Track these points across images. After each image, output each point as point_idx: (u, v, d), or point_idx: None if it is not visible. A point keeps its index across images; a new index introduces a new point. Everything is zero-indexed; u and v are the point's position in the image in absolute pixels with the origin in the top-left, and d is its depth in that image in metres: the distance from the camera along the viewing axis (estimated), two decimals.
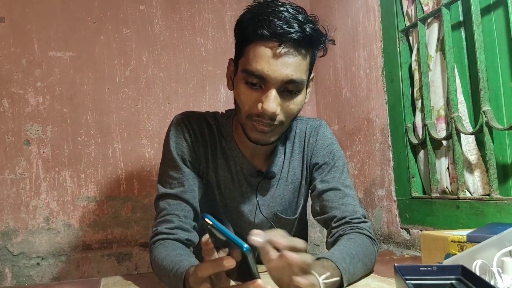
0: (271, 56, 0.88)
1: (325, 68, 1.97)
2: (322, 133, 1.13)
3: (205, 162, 1.07)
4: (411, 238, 1.42)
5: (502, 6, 1.16)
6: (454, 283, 0.66)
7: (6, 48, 1.66)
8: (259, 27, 0.88)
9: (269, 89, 0.89)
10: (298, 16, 0.89)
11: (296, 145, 1.12)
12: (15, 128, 1.65)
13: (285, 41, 0.87)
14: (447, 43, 1.25)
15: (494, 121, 1.12)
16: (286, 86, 0.90)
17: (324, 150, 1.11)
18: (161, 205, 1.01)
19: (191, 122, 1.07)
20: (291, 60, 0.89)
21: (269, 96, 0.89)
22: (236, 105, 0.98)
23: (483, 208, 1.13)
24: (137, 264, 1.75)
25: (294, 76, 0.90)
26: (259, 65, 0.88)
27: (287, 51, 0.88)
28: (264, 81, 0.89)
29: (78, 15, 1.75)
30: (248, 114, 0.93)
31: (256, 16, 0.90)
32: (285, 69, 0.88)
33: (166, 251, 0.92)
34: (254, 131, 0.95)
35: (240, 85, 0.94)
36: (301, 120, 1.15)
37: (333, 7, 1.87)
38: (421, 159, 1.41)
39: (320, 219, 1.06)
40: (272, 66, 0.88)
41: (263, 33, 0.87)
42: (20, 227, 1.62)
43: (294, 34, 0.87)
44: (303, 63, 0.92)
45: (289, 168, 1.11)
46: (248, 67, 0.90)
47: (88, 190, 1.71)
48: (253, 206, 1.09)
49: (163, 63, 1.85)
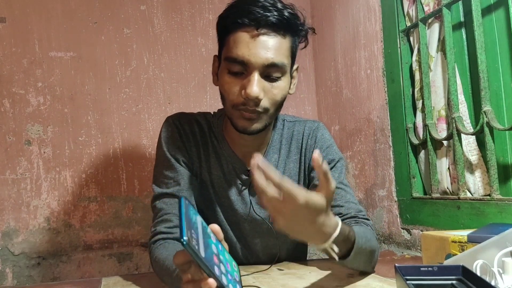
0: (251, 41, 0.90)
1: (325, 68, 1.97)
2: (320, 135, 1.13)
3: (198, 162, 1.07)
4: (411, 238, 1.42)
5: (503, 6, 1.16)
6: (454, 284, 0.66)
7: (7, 48, 1.66)
8: (238, 16, 0.90)
9: (251, 73, 0.90)
10: (276, 3, 0.91)
11: (293, 146, 1.12)
12: (16, 128, 1.65)
13: (263, 24, 0.89)
14: (448, 43, 1.25)
15: (495, 121, 1.12)
16: (268, 70, 0.91)
17: (323, 152, 1.11)
18: (159, 205, 1.01)
19: (182, 123, 1.07)
20: (271, 42, 0.90)
21: (252, 81, 0.90)
22: (222, 97, 0.99)
23: (484, 208, 1.13)
24: (138, 264, 1.75)
25: (276, 60, 0.91)
26: (239, 51, 0.90)
27: (266, 33, 0.90)
28: (246, 67, 0.91)
29: (79, 16, 1.75)
30: (233, 103, 0.94)
31: (235, 6, 0.93)
32: (265, 52, 0.90)
33: (167, 251, 0.92)
34: (240, 119, 0.95)
35: (223, 75, 0.95)
36: (299, 122, 1.15)
37: (334, 7, 1.87)
38: (421, 159, 1.41)
39: None
40: (252, 50, 0.89)
41: (243, 20, 0.90)
42: (21, 227, 1.62)
43: (271, 17, 0.89)
44: (283, 47, 0.93)
45: (284, 169, 1.11)
46: (229, 54, 0.92)
47: (89, 190, 1.71)
48: (246, 205, 1.09)
49: (164, 63, 1.85)
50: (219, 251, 0.64)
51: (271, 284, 0.90)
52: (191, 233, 0.56)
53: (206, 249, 0.59)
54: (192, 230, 0.57)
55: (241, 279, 0.66)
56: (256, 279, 0.96)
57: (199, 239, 0.58)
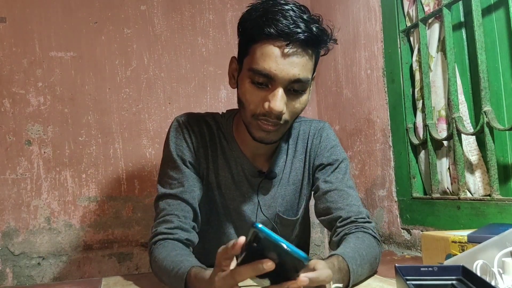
0: (279, 56, 0.88)
1: (326, 68, 1.97)
2: (326, 134, 1.13)
3: (206, 163, 1.07)
4: (412, 238, 1.42)
5: (503, 7, 1.16)
6: (454, 284, 0.66)
7: (7, 48, 1.66)
8: (266, 25, 0.88)
9: (276, 88, 0.90)
10: (303, 16, 0.89)
11: (299, 146, 1.13)
12: (16, 128, 1.65)
13: (293, 40, 0.87)
14: (448, 43, 1.25)
15: (495, 122, 1.12)
16: (292, 85, 0.91)
17: (328, 152, 1.11)
18: (161, 206, 1.01)
19: (191, 123, 1.07)
20: (298, 60, 0.89)
21: (276, 95, 0.89)
22: (240, 104, 0.97)
23: (484, 208, 1.13)
24: (138, 264, 1.75)
25: (301, 76, 0.90)
26: (267, 64, 0.88)
27: (295, 50, 0.88)
28: (271, 80, 0.90)
29: (79, 16, 1.75)
30: (253, 113, 0.93)
31: (262, 15, 0.90)
32: (292, 68, 0.89)
33: (166, 251, 0.92)
34: (259, 130, 0.94)
35: (245, 83, 0.93)
36: (304, 122, 1.16)
37: (334, 8, 1.87)
38: (422, 159, 1.41)
39: (324, 220, 1.06)
40: (280, 65, 0.88)
41: (271, 32, 0.87)
42: (21, 227, 1.62)
43: (301, 34, 0.87)
44: (310, 63, 0.92)
45: (291, 169, 1.12)
46: (255, 66, 0.90)
47: (89, 190, 1.71)
48: (254, 206, 1.09)
49: (164, 63, 1.85)
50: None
51: None
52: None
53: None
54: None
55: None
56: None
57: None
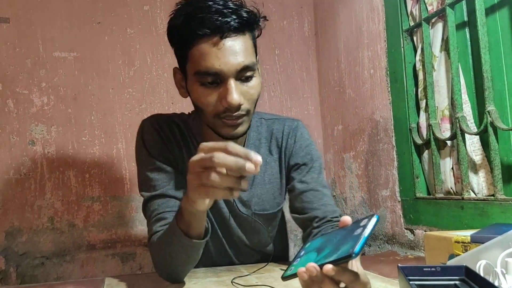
0: (218, 51, 0.87)
1: (329, 68, 1.97)
2: (300, 134, 1.13)
3: (182, 163, 1.05)
4: (415, 238, 1.42)
5: (507, 6, 1.16)
6: (458, 284, 0.66)
7: (11, 49, 1.67)
8: (195, 27, 0.87)
9: (227, 82, 0.89)
10: (228, 4, 0.89)
11: (273, 145, 1.13)
12: (20, 128, 1.65)
13: (226, 31, 0.87)
14: (452, 43, 1.24)
15: (498, 121, 1.11)
16: (241, 74, 0.90)
17: (303, 151, 1.12)
18: (151, 208, 0.99)
19: (161, 124, 1.05)
20: (239, 47, 0.89)
21: (230, 89, 0.88)
22: (198, 109, 0.96)
23: (488, 208, 1.13)
24: (141, 264, 1.75)
25: (246, 62, 0.90)
26: (209, 63, 0.88)
27: (232, 40, 0.88)
28: (219, 76, 0.89)
29: (82, 16, 1.76)
30: (214, 114, 0.92)
31: (187, 18, 0.89)
32: (235, 58, 0.88)
33: (159, 237, 0.92)
34: (225, 127, 0.94)
35: (196, 89, 0.92)
36: (278, 120, 1.15)
37: (337, 7, 1.86)
38: (425, 159, 1.41)
39: (299, 218, 1.08)
40: (222, 59, 0.87)
41: (203, 31, 0.87)
42: (24, 226, 1.63)
43: (232, 22, 0.87)
44: (249, 46, 0.92)
45: (266, 168, 1.12)
46: (199, 68, 0.89)
47: (92, 190, 1.72)
48: (229, 203, 1.09)
49: (167, 63, 1.85)
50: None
51: (273, 284, 0.90)
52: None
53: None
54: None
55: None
56: (259, 279, 0.96)
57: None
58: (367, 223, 0.58)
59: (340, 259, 0.56)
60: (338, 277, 0.59)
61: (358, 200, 1.77)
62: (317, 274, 0.58)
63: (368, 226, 0.57)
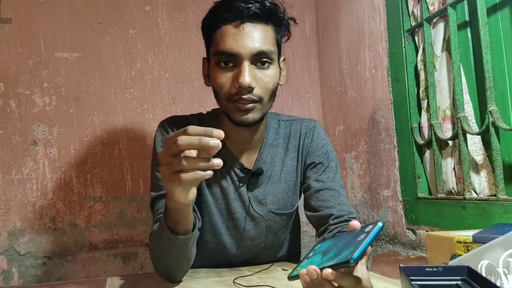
0: (237, 33, 0.93)
1: (330, 68, 1.96)
2: (317, 133, 1.15)
3: None
4: (416, 238, 1.42)
5: (509, 6, 1.16)
6: (459, 284, 0.66)
7: (13, 49, 1.67)
8: (221, 12, 0.94)
9: (241, 64, 0.93)
10: None
11: (291, 144, 1.14)
12: (22, 129, 1.66)
13: (246, 16, 0.92)
14: (453, 42, 1.24)
15: (500, 121, 1.11)
16: (256, 58, 0.94)
17: (320, 151, 1.13)
18: (155, 207, 1.01)
19: (177, 125, 1.08)
20: (257, 33, 0.94)
21: (243, 70, 0.92)
22: (215, 94, 1.00)
23: (490, 208, 1.12)
24: (143, 264, 1.75)
25: (263, 48, 0.94)
26: (228, 44, 0.93)
27: (252, 25, 0.94)
28: (235, 58, 0.93)
29: (84, 16, 1.76)
30: (227, 96, 0.96)
31: (217, 5, 0.97)
32: (252, 42, 0.93)
33: (153, 236, 0.93)
34: (237, 111, 0.96)
35: (214, 71, 0.97)
36: (295, 121, 1.17)
37: (339, 7, 1.86)
38: (427, 159, 1.41)
39: (314, 215, 1.08)
40: (239, 41, 0.92)
41: (227, 15, 0.93)
42: (26, 227, 1.63)
43: (253, 7, 0.92)
44: (268, 35, 0.96)
45: (282, 167, 1.13)
46: (217, 49, 0.95)
47: (94, 190, 1.72)
48: (244, 203, 1.10)
49: (169, 63, 1.85)
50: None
51: (275, 284, 0.90)
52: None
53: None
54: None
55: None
56: (261, 279, 0.96)
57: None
58: (371, 229, 0.58)
59: (339, 264, 0.56)
60: (338, 282, 0.59)
61: (360, 200, 1.77)
62: (317, 277, 0.58)
63: (370, 233, 0.57)
